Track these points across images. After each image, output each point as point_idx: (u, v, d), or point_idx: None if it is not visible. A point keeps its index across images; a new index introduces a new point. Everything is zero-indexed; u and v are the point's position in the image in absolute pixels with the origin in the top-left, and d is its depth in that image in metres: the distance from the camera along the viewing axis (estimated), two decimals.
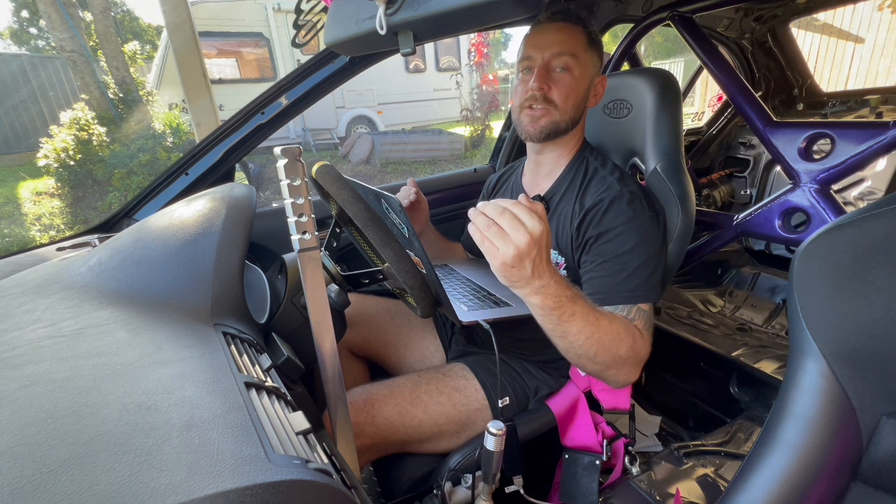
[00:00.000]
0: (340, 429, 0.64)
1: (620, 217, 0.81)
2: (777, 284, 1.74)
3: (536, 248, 0.59)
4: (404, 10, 0.67)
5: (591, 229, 0.84)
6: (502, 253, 0.58)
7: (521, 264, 0.59)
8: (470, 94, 7.83)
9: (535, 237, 0.58)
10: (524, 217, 0.58)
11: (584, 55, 0.88)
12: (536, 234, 0.58)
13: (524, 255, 0.58)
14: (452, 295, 0.96)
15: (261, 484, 0.31)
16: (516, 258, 0.58)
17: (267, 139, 1.23)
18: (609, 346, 0.69)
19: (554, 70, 0.88)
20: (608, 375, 0.74)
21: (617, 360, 0.71)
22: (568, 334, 0.67)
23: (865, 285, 0.44)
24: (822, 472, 0.46)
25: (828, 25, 5.68)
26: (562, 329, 0.67)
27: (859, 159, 1.05)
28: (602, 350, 0.69)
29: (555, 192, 0.94)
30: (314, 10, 1.01)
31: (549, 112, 0.89)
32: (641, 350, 0.74)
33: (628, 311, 0.78)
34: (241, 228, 0.65)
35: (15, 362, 0.42)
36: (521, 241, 0.58)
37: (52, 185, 5.49)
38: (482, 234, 0.60)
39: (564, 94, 0.88)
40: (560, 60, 0.87)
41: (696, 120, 5.88)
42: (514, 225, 0.58)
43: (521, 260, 0.59)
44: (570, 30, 0.87)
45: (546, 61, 0.87)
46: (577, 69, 0.87)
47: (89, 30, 6.61)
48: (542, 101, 0.88)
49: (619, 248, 0.80)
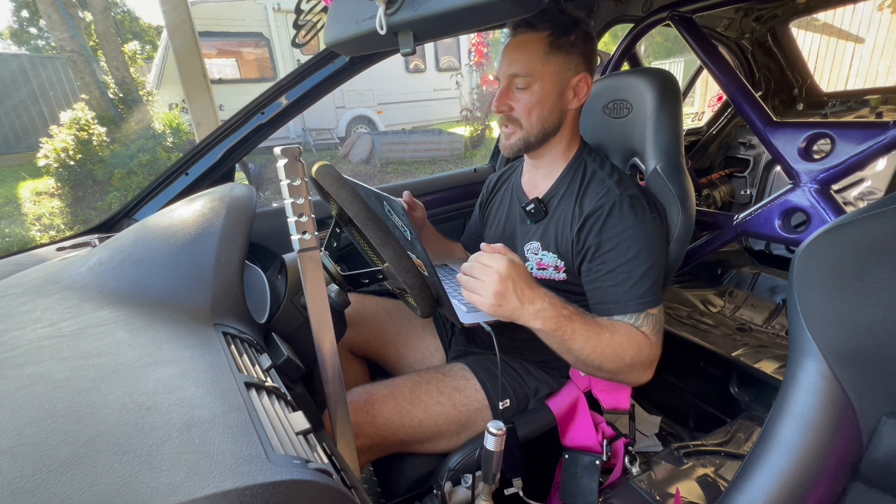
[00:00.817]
0: (340, 429, 0.64)
1: (622, 224, 0.81)
2: (777, 284, 1.74)
3: (510, 280, 0.67)
4: (404, 10, 0.67)
5: (593, 237, 0.83)
6: (483, 297, 0.67)
7: (504, 299, 0.67)
8: (470, 94, 7.83)
9: (503, 273, 0.66)
10: (487, 260, 0.68)
11: (545, 66, 0.84)
12: (503, 270, 0.66)
13: (501, 292, 0.67)
14: (453, 296, 0.96)
15: (261, 484, 0.31)
16: (496, 296, 0.67)
17: (267, 139, 1.22)
18: (613, 356, 0.74)
19: (514, 88, 0.88)
20: (621, 379, 0.79)
21: (624, 367, 0.75)
22: (572, 350, 0.73)
23: (865, 285, 0.44)
24: (822, 472, 0.46)
25: (828, 25, 5.68)
26: (566, 347, 0.72)
27: (859, 159, 1.05)
28: (607, 360, 0.74)
29: (553, 195, 0.94)
30: (314, 10, 1.01)
31: (516, 131, 0.90)
32: (649, 354, 0.77)
33: (636, 319, 0.79)
34: (241, 228, 0.65)
35: (15, 362, 0.42)
36: (492, 281, 0.66)
37: (52, 185, 5.49)
38: (467, 290, 0.69)
39: (526, 111, 0.88)
40: (517, 80, 0.87)
41: (696, 120, 5.89)
42: (481, 270, 0.68)
43: (502, 296, 0.67)
44: (528, 42, 0.85)
45: (507, 80, 0.88)
46: (536, 83, 0.85)
47: (89, 30, 6.61)
48: (507, 121, 0.91)
49: (622, 256, 0.80)
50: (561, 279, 0.92)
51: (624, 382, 0.82)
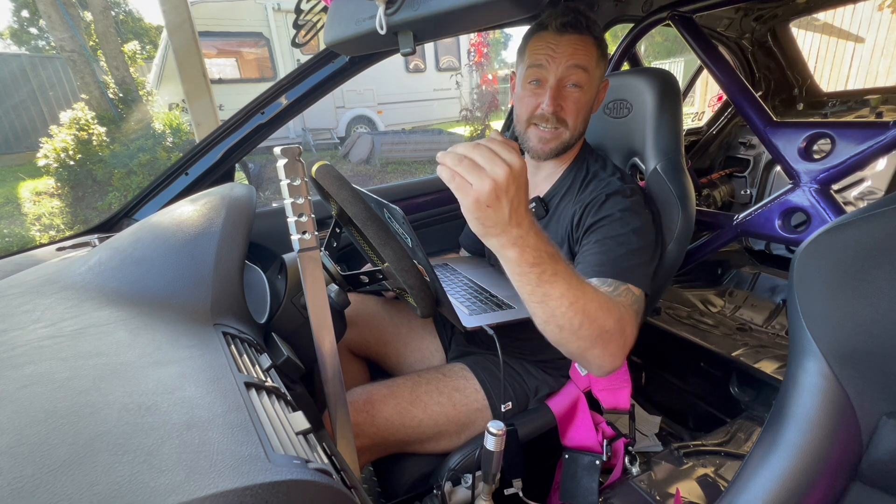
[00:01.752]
0: (340, 429, 0.64)
1: (618, 206, 0.82)
2: (777, 284, 1.74)
3: (515, 186, 0.52)
4: (404, 10, 0.67)
5: (589, 218, 0.84)
6: (477, 189, 0.50)
7: (497, 203, 0.51)
8: (470, 94, 7.83)
9: (515, 171, 0.51)
10: (501, 150, 0.51)
11: (595, 69, 0.86)
12: (517, 167, 0.51)
13: (501, 192, 0.51)
14: (454, 297, 0.96)
15: (261, 484, 0.31)
16: (492, 195, 0.50)
17: (267, 139, 1.22)
18: (595, 315, 0.60)
19: (565, 87, 0.86)
20: (592, 356, 0.64)
21: (603, 335, 0.62)
22: (549, 298, 0.58)
23: (866, 285, 0.44)
24: (822, 472, 0.46)
25: (828, 25, 5.68)
26: (542, 291, 0.58)
27: (859, 159, 1.05)
28: (588, 320, 0.60)
29: (554, 194, 0.94)
30: (314, 9, 1.01)
31: (560, 133, 0.88)
32: (629, 327, 0.66)
33: (615, 288, 0.72)
34: (241, 228, 0.65)
35: (15, 362, 0.42)
36: (499, 175, 0.50)
37: (51, 185, 5.48)
38: (451, 170, 0.51)
39: (576, 111, 0.87)
40: (573, 77, 0.84)
41: (696, 120, 5.88)
42: (489, 157, 0.51)
43: (497, 198, 0.51)
44: (583, 42, 0.84)
45: (559, 78, 0.84)
46: (587, 84, 0.86)
47: (89, 30, 6.61)
48: (554, 122, 0.87)
49: (615, 229, 0.79)
50: None
51: (595, 362, 0.65)
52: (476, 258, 1.24)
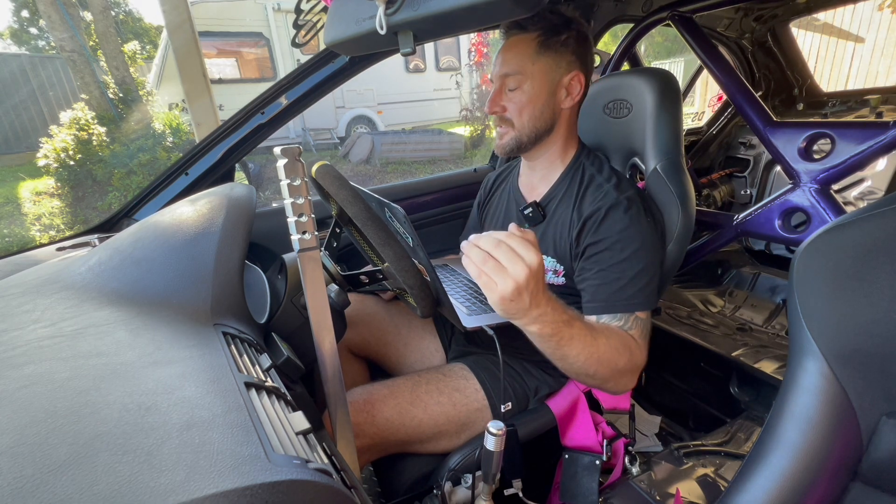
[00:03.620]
0: (340, 429, 0.64)
1: (617, 225, 0.82)
2: (777, 284, 1.74)
3: (535, 281, 0.58)
4: (404, 10, 0.67)
5: (589, 237, 0.84)
6: (501, 288, 0.57)
7: (519, 297, 0.58)
8: (470, 94, 7.83)
9: (534, 270, 0.58)
10: (521, 250, 0.58)
11: (535, 65, 0.86)
12: (535, 266, 0.58)
13: (523, 289, 0.58)
14: (454, 297, 0.96)
15: (261, 484, 0.31)
16: (515, 292, 0.57)
17: (267, 139, 1.22)
18: (609, 359, 0.70)
19: (506, 89, 0.89)
20: (607, 387, 0.76)
21: (615, 374, 0.72)
22: (567, 357, 0.68)
23: (866, 285, 0.44)
24: (822, 472, 0.46)
25: (828, 25, 5.68)
26: (561, 353, 0.67)
27: (859, 159, 1.05)
28: (601, 366, 0.70)
29: (551, 198, 0.94)
30: (314, 9, 1.01)
31: (508, 131, 0.91)
32: (639, 359, 0.76)
33: (625, 321, 0.79)
34: (241, 228, 0.65)
35: (15, 362, 0.42)
36: (520, 275, 0.57)
37: (51, 185, 5.48)
38: (479, 268, 0.58)
39: (517, 111, 0.89)
40: (508, 79, 0.88)
41: (696, 120, 5.88)
42: (511, 258, 0.57)
43: (519, 294, 0.58)
44: (517, 42, 0.86)
45: (499, 81, 0.89)
46: (527, 83, 0.87)
47: (89, 30, 6.61)
48: (500, 122, 0.91)
49: (616, 256, 0.81)
50: (560, 283, 0.92)
51: (609, 390, 0.77)
52: None
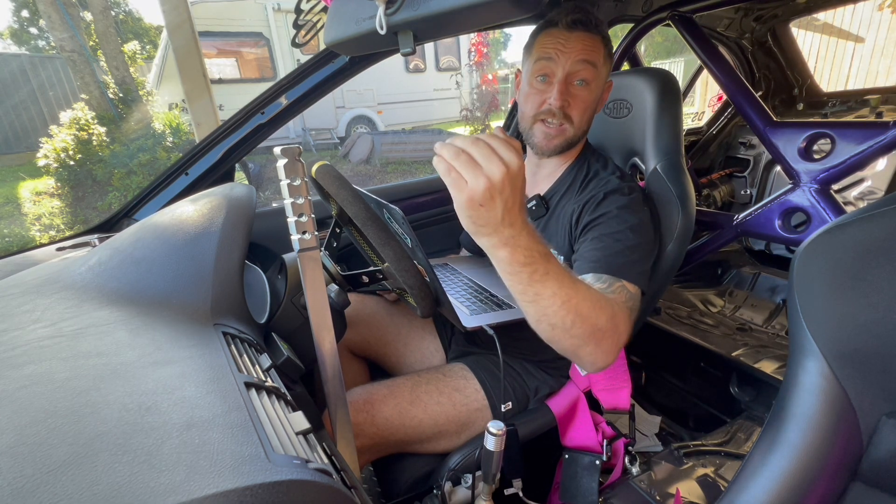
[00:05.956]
0: (340, 429, 0.64)
1: (616, 203, 0.82)
2: (777, 284, 1.74)
3: (511, 187, 0.50)
4: (404, 10, 0.67)
5: (587, 216, 0.84)
6: (471, 187, 0.49)
7: (491, 202, 0.50)
8: (470, 94, 7.83)
9: (512, 171, 0.50)
10: (500, 148, 0.50)
11: (602, 67, 0.87)
12: (514, 167, 0.50)
13: (496, 192, 0.49)
14: (454, 297, 0.96)
15: (261, 484, 0.31)
16: (486, 194, 0.49)
17: (267, 139, 1.22)
18: (588, 314, 0.60)
19: (572, 83, 0.86)
20: (584, 353, 0.63)
21: (595, 333, 0.61)
22: (540, 297, 0.58)
23: (865, 285, 0.44)
24: (822, 471, 0.46)
25: (828, 25, 5.68)
26: (533, 291, 0.57)
27: (859, 159, 1.05)
28: (580, 319, 0.59)
29: (555, 192, 0.94)
30: (314, 9, 1.01)
31: (565, 129, 0.89)
32: (622, 325, 0.65)
33: (610, 285, 0.72)
34: (241, 228, 0.65)
35: (15, 362, 0.42)
36: (495, 174, 0.49)
37: (52, 185, 5.48)
38: (447, 163, 0.50)
39: (582, 108, 0.88)
40: (581, 74, 0.85)
41: (696, 120, 5.88)
42: (486, 155, 0.49)
43: (491, 197, 0.50)
44: (592, 40, 0.85)
45: (566, 74, 0.85)
46: (594, 81, 0.87)
47: (89, 30, 6.61)
48: (560, 117, 0.87)
49: (612, 227, 0.80)
50: None
51: (588, 359, 0.65)
52: (476, 258, 1.24)
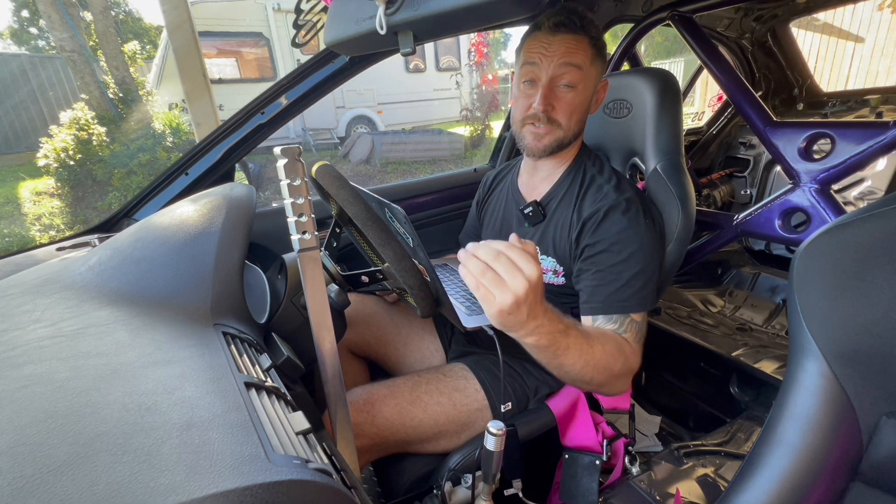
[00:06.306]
0: (340, 429, 0.64)
1: (615, 227, 0.82)
2: (777, 284, 1.74)
3: (533, 294, 0.57)
4: (404, 10, 0.67)
5: (587, 238, 0.84)
6: (500, 301, 0.56)
7: (518, 311, 0.57)
8: (470, 94, 7.83)
9: (533, 283, 0.56)
10: (521, 262, 0.55)
11: (590, 68, 0.85)
12: (534, 280, 0.56)
13: (522, 302, 0.56)
14: (454, 297, 0.96)
15: (261, 484, 0.31)
16: (514, 305, 0.56)
17: (267, 139, 1.22)
18: (606, 365, 0.70)
19: (558, 86, 0.85)
20: (602, 391, 0.77)
21: (610, 378, 0.73)
22: (564, 366, 0.67)
23: (866, 285, 0.44)
24: (822, 472, 0.46)
25: (828, 25, 5.68)
26: (557, 362, 0.67)
27: (859, 159, 1.05)
28: (597, 373, 0.70)
29: (552, 198, 0.94)
30: (314, 9, 1.01)
31: (553, 131, 0.88)
32: (633, 363, 0.76)
33: (620, 323, 0.79)
34: (241, 228, 0.65)
35: (15, 362, 0.42)
36: (520, 289, 0.55)
37: (51, 185, 5.48)
38: (477, 280, 0.56)
39: (568, 112, 0.86)
40: (565, 77, 0.84)
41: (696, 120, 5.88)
42: (510, 270, 0.55)
43: (518, 307, 0.56)
44: (576, 42, 0.83)
45: (550, 77, 0.84)
46: (581, 84, 0.85)
47: (89, 30, 6.61)
48: (545, 122, 0.86)
49: (613, 258, 0.81)
50: (560, 283, 0.92)
51: (605, 393, 0.78)
52: None
